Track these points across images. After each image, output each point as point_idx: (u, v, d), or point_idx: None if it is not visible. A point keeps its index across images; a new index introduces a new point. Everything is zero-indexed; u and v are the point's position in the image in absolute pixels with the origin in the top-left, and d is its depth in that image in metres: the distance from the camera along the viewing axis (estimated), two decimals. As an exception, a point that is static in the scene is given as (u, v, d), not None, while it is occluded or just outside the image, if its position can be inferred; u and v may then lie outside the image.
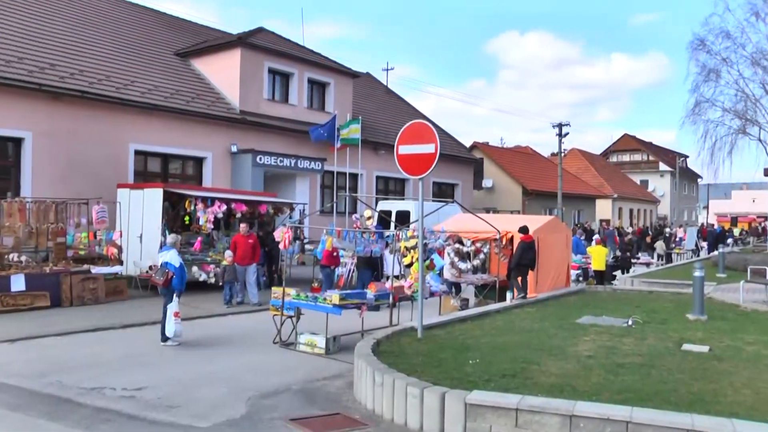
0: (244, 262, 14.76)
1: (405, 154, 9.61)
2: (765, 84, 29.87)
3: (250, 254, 15.00)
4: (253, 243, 15.17)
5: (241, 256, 14.78)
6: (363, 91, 34.03)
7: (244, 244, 14.95)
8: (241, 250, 14.81)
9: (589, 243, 24.42)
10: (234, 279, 14.63)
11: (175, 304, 10.53)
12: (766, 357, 8.62)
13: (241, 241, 15.01)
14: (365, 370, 7.44)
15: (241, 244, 14.95)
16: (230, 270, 14.54)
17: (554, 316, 11.67)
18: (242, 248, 14.87)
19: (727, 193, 79.74)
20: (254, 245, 15.20)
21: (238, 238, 15.19)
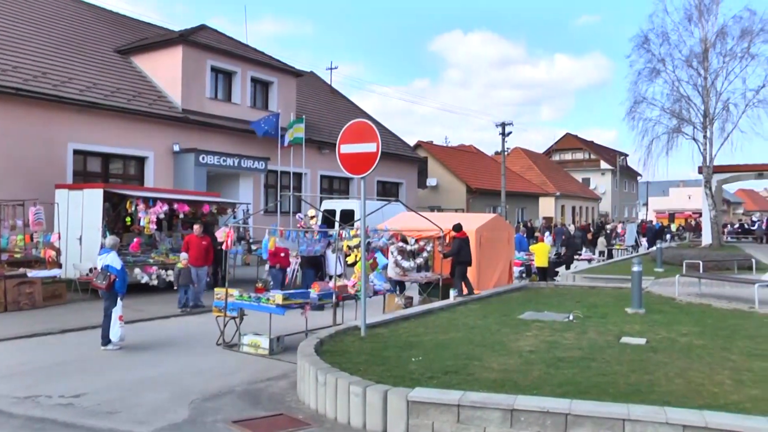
0: (197, 264, 14.33)
1: (347, 153, 9.64)
2: (698, 86, 30.94)
3: (203, 256, 14.60)
4: (206, 244, 14.73)
5: (194, 258, 14.33)
6: (307, 90, 33.95)
7: (198, 246, 14.51)
8: (194, 252, 14.35)
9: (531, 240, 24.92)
10: (189, 282, 14.13)
11: (119, 308, 10.34)
12: (697, 348, 8.96)
13: (195, 242, 14.56)
14: (308, 370, 7.45)
15: (195, 245, 14.50)
16: (185, 273, 14.03)
17: (497, 313, 11.86)
18: (196, 249, 14.42)
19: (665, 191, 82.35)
20: (208, 247, 14.77)
21: (191, 239, 14.72)
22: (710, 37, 30.55)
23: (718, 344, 9.20)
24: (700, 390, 6.82)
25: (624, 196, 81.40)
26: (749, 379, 7.27)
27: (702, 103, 30.84)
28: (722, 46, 30.52)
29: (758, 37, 29.94)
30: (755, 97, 30.56)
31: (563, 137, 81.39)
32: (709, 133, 30.98)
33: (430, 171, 42.53)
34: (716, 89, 30.78)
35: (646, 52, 31.49)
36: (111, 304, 10.36)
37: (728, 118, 30.95)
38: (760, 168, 34.81)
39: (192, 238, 14.72)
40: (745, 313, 12.18)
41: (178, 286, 14.29)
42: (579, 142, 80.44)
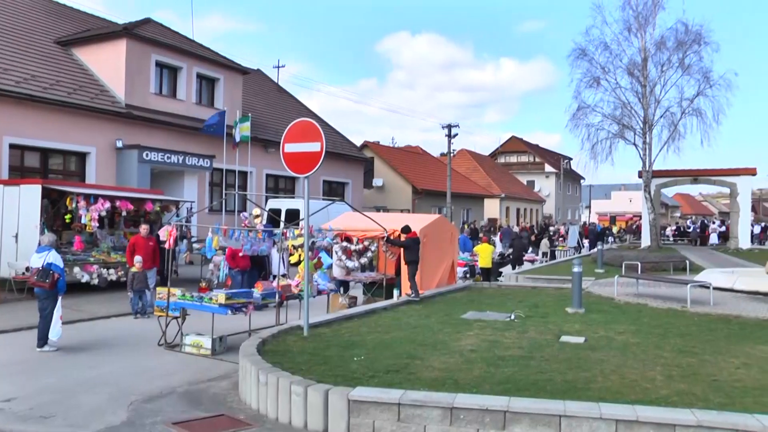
0: (144, 266, 13.56)
1: (291, 152, 9.61)
2: (638, 93, 31.89)
3: (151, 257, 14.08)
4: (153, 245, 14.25)
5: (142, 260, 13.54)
6: (253, 87, 33.69)
7: (145, 247, 13.94)
8: (141, 254, 13.61)
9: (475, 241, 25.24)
10: (145, 287, 13.43)
11: (59, 307, 10.11)
12: (633, 345, 9.25)
13: (141, 243, 13.97)
14: (250, 369, 7.42)
15: (141, 246, 13.87)
16: (140, 277, 13.24)
17: (440, 312, 11.99)
18: (143, 251, 13.72)
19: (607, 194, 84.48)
20: (155, 248, 14.27)
21: (137, 240, 14.08)
22: (649, 47, 31.62)
23: (652, 342, 9.51)
24: (633, 386, 7.05)
25: (567, 198, 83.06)
26: (678, 375, 7.56)
27: (642, 110, 31.83)
28: (660, 56, 31.61)
29: (691, 48, 31.12)
30: (690, 106, 31.74)
31: (509, 140, 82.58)
32: (649, 138, 32.01)
33: (377, 171, 42.67)
34: (655, 97, 31.90)
35: (586, 62, 32.34)
36: (49, 303, 10.10)
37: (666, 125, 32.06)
38: (695, 173, 36.08)
39: (138, 239, 14.19)
40: (678, 312, 12.60)
41: (132, 291, 13.41)
42: (524, 146, 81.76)
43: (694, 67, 31.42)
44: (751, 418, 5.70)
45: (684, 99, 31.93)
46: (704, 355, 8.68)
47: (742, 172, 35.29)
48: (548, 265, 26.29)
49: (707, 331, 10.60)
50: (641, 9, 31.65)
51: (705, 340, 9.73)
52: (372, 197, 41.79)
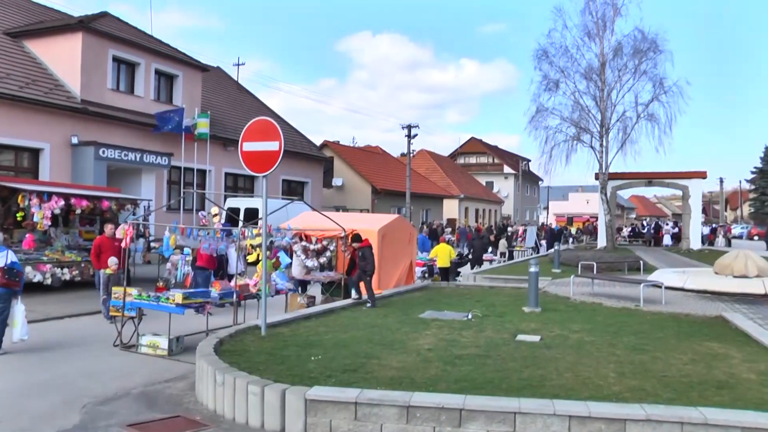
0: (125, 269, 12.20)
1: (249, 151, 9.57)
2: (596, 97, 32.46)
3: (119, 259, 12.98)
4: (119, 246, 13.08)
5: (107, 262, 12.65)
6: (213, 85, 33.38)
7: (111, 248, 12.99)
8: (107, 255, 12.69)
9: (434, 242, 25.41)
10: None
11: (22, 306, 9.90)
12: (587, 343, 9.43)
13: (107, 244, 13.08)
14: (207, 370, 7.36)
15: (107, 247, 12.99)
16: (115, 279, 12.37)
17: (398, 312, 12.06)
18: (109, 253, 12.78)
19: (565, 195, 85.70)
20: (120, 248, 13.12)
21: (103, 241, 13.27)
22: (607, 52, 32.18)
23: (606, 340, 9.70)
24: (587, 383, 7.21)
25: (526, 199, 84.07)
26: (630, 372, 7.75)
27: (599, 114, 32.39)
28: (617, 61, 32.21)
29: (646, 55, 31.83)
30: (645, 111, 32.45)
31: (468, 141, 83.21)
32: (605, 142, 32.56)
33: (336, 171, 42.64)
34: (612, 101, 32.45)
35: (547, 64, 32.79)
36: (6, 306, 9.87)
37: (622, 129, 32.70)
38: (650, 176, 36.85)
39: (104, 239, 13.36)
40: (631, 311, 12.89)
41: (107, 294, 12.38)
42: (483, 147, 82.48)
43: (649, 74, 32.14)
44: (694, 411, 5.93)
45: (639, 104, 32.64)
46: (655, 352, 8.90)
47: (693, 176, 36.19)
48: (506, 265, 26.59)
49: (659, 329, 10.87)
50: (600, 15, 32.23)
51: (656, 338, 9.98)
52: (331, 197, 41.74)
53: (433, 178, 58.24)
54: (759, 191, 79.87)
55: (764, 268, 16.16)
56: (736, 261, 16.39)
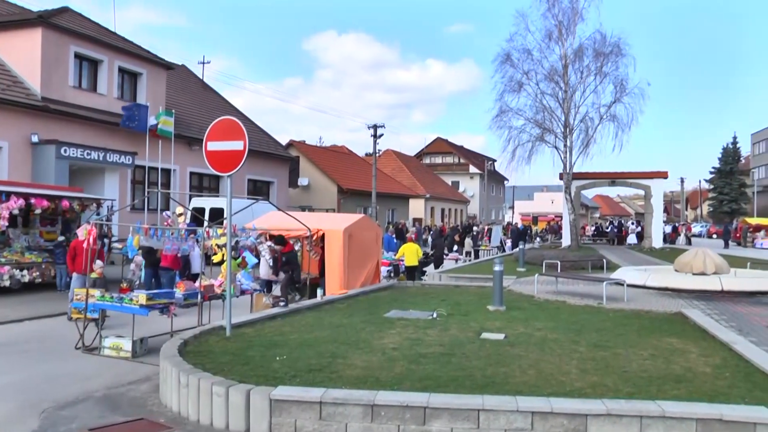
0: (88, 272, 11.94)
1: (214, 151, 9.51)
2: (559, 98, 32.89)
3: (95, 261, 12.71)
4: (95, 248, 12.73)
5: (84, 265, 12.10)
6: (177, 84, 33.03)
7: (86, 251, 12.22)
8: (83, 258, 12.18)
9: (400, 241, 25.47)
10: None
11: None
12: (551, 341, 9.55)
13: (82, 247, 12.45)
14: (171, 371, 7.31)
15: (83, 250, 12.36)
16: (101, 283, 11.86)
17: (363, 311, 12.07)
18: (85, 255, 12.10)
19: (530, 195, 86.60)
20: (77, 249, 13.06)
21: (77, 244, 12.82)
22: (569, 54, 32.65)
23: (569, 337, 9.84)
24: (549, 379, 7.30)
25: (492, 199, 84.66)
26: (592, 368, 7.88)
27: (562, 115, 32.83)
28: (580, 63, 32.73)
29: (608, 58, 32.39)
30: (607, 112, 33.03)
31: (434, 141, 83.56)
32: (569, 142, 33.03)
33: (302, 170, 42.51)
34: (575, 103, 32.98)
35: (510, 67, 33.13)
36: None
37: (585, 130, 33.20)
38: (613, 176, 37.49)
39: (78, 243, 12.86)
40: (594, 309, 13.09)
41: None
42: (449, 147, 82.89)
43: (611, 76, 32.73)
44: (653, 404, 6.10)
45: (602, 105, 33.22)
46: (617, 348, 9.06)
47: (655, 176, 36.93)
48: (471, 264, 26.79)
49: (620, 325, 11.06)
50: (562, 18, 32.68)
51: (618, 335, 10.15)
52: (297, 196, 41.60)
53: (399, 177, 58.35)
54: (717, 191, 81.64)
55: (721, 265, 16.52)
56: (695, 259, 16.73)
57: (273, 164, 35.68)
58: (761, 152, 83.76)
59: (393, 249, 22.72)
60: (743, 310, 13.31)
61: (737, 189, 79.54)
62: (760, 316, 12.59)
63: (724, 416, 5.90)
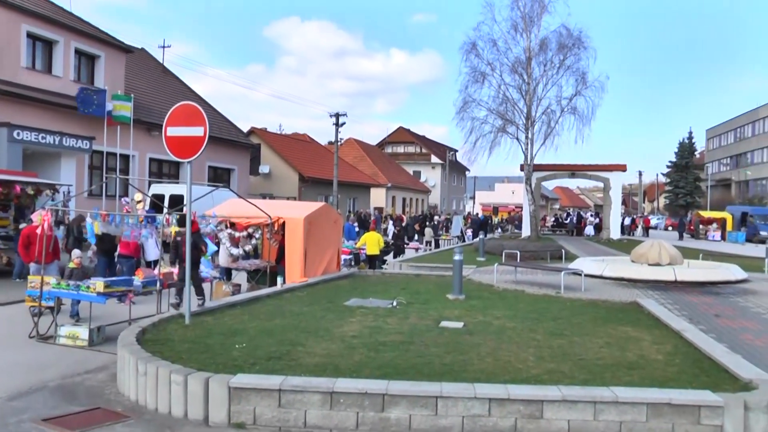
0: (47, 260, 11.39)
1: (173, 136, 9.38)
2: (522, 90, 33.18)
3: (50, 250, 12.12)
4: (52, 235, 12.30)
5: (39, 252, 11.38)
6: (137, 67, 32.40)
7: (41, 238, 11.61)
8: (40, 246, 11.39)
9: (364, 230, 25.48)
10: None
11: None
12: (509, 329, 9.69)
13: (36, 234, 11.79)
14: (128, 360, 7.22)
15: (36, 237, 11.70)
16: (78, 274, 11.28)
17: (323, 300, 12.07)
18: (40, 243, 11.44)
19: (491, 185, 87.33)
20: (55, 238, 12.59)
21: (31, 231, 12.06)
22: (533, 47, 32.96)
23: (526, 326, 9.99)
24: (507, 367, 7.41)
25: (453, 189, 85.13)
26: (548, 355, 8.03)
27: (525, 107, 33.12)
28: (543, 56, 33.04)
29: (571, 51, 32.78)
30: (569, 105, 33.44)
31: (396, 130, 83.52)
32: (531, 134, 33.38)
33: (263, 158, 42.19)
34: (537, 95, 33.28)
35: (475, 56, 33.31)
36: None
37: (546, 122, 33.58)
38: (573, 168, 38.00)
39: (32, 229, 12.12)
40: (552, 298, 13.30)
41: None
42: (411, 136, 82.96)
43: (572, 69, 33.13)
44: (606, 391, 6.27)
45: (563, 98, 33.61)
46: (573, 336, 9.23)
47: (614, 168, 37.56)
48: (432, 253, 26.94)
49: (577, 314, 11.27)
50: (528, 10, 32.93)
51: (575, 323, 10.34)
52: (258, 184, 41.30)
53: (360, 166, 58.26)
54: (673, 184, 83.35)
55: (675, 256, 16.93)
56: (650, 250, 17.11)
57: (234, 151, 35.34)
58: (715, 148, 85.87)
59: (353, 237, 22.72)
60: (695, 299, 13.67)
61: (692, 183, 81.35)
62: (709, 305, 12.97)
63: (673, 400, 6.10)
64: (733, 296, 14.27)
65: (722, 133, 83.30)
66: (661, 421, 6.08)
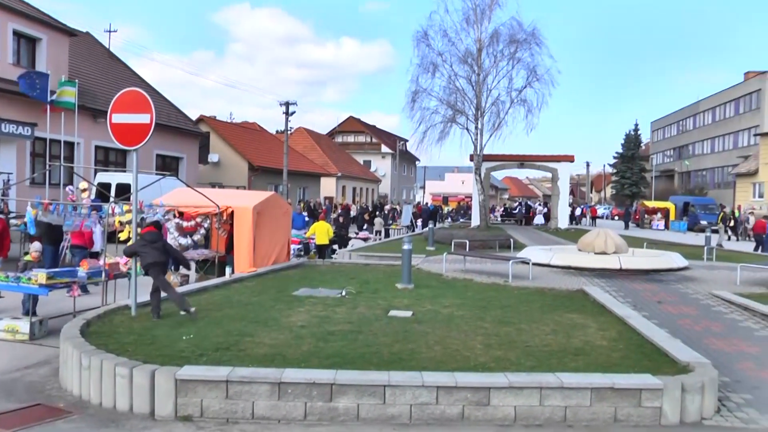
0: None
1: (119, 123, 9.18)
2: (471, 81, 33.39)
3: None
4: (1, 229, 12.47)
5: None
6: (81, 52, 31.46)
7: None
8: None
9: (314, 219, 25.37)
10: None
11: None
12: (457, 318, 9.80)
13: None
14: (72, 353, 7.06)
15: None
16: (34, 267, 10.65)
17: (272, 290, 12.00)
18: None
19: (441, 175, 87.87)
20: (3, 232, 12.46)
21: None
22: (484, 38, 33.16)
23: (474, 314, 10.11)
24: (455, 355, 7.50)
25: (403, 179, 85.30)
26: (496, 343, 8.15)
27: (475, 98, 33.35)
28: (494, 48, 33.28)
29: (522, 45, 33.10)
30: (518, 97, 33.81)
31: (346, 120, 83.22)
32: (480, 124, 33.62)
33: (213, 147, 41.60)
34: (487, 86, 33.55)
35: (426, 46, 33.37)
36: None
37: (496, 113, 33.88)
38: (522, 159, 38.49)
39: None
40: (500, 287, 13.47)
41: None
42: (362, 126, 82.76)
43: (523, 62, 33.46)
44: (552, 376, 6.43)
45: (513, 89, 33.94)
46: (520, 324, 9.38)
47: (562, 159, 38.18)
48: (382, 243, 27.00)
49: (525, 302, 11.45)
50: (479, 2, 33.10)
51: (522, 311, 10.51)
52: (208, 173, 40.73)
53: (310, 156, 57.90)
54: (620, 175, 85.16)
55: (621, 245, 17.33)
56: (596, 239, 17.48)
57: (182, 139, 34.71)
58: (659, 139, 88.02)
59: (302, 227, 22.59)
60: (639, 287, 14.01)
61: (638, 173, 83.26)
62: (652, 292, 13.31)
63: (615, 384, 6.29)
64: (674, 283, 14.67)
65: (666, 126, 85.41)
66: (605, 404, 6.25)
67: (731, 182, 57.39)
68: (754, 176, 50.43)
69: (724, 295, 12.63)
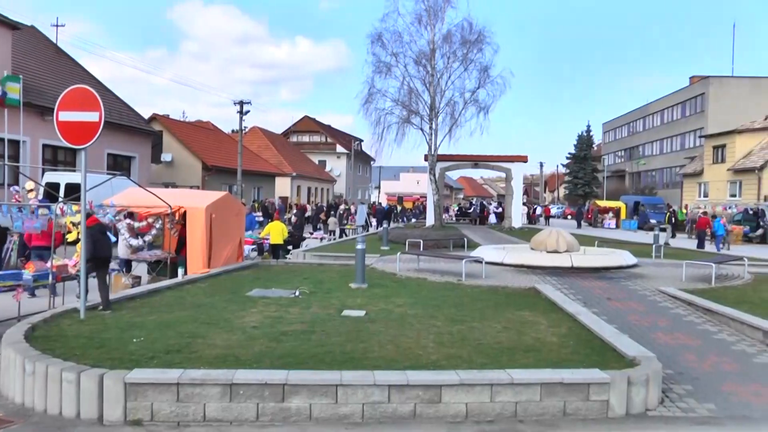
0: None
1: (66, 121, 8.99)
2: (426, 82, 33.59)
3: None
4: None
5: None
6: (26, 46, 30.59)
7: None
8: None
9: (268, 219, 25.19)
10: None
11: None
12: (409, 317, 9.86)
13: None
14: (14, 359, 6.86)
15: None
16: None
17: (225, 290, 11.89)
18: None
19: (396, 175, 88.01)
20: None
21: None
22: (437, 39, 33.36)
23: (427, 313, 10.19)
24: (407, 353, 7.55)
25: (358, 179, 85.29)
26: (448, 341, 8.23)
27: (429, 98, 33.56)
28: (447, 49, 33.52)
29: (474, 45, 33.43)
30: (471, 97, 34.13)
31: (301, 119, 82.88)
32: (434, 125, 33.84)
33: (166, 146, 40.95)
34: (441, 87, 33.76)
35: (380, 47, 33.45)
36: None
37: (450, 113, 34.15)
38: (476, 159, 38.90)
39: None
40: (454, 285, 13.58)
41: None
42: (316, 125, 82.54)
43: (476, 63, 33.79)
44: (503, 373, 6.53)
45: (466, 91, 34.25)
46: (473, 322, 9.49)
47: (515, 159, 38.73)
48: (336, 242, 26.97)
49: (478, 301, 11.58)
50: (431, 3, 33.28)
51: (475, 309, 10.62)
52: (161, 173, 40.10)
53: (265, 155, 57.45)
54: (572, 175, 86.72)
55: (572, 243, 17.64)
56: (549, 238, 17.75)
57: (134, 138, 34.09)
58: (611, 140, 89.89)
59: (253, 228, 22.40)
60: (589, 284, 14.28)
61: (590, 173, 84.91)
62: (602, 289, 13.59)
63: (564, 380, 6.44)
64: (624, 280, 15.00)
65: (617, 127, 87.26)
66: (554, 399, 6.39)
67: (679, 182, 58.97)
68: (699, 176, 51.95)
69: (670, 291, 12.99)
